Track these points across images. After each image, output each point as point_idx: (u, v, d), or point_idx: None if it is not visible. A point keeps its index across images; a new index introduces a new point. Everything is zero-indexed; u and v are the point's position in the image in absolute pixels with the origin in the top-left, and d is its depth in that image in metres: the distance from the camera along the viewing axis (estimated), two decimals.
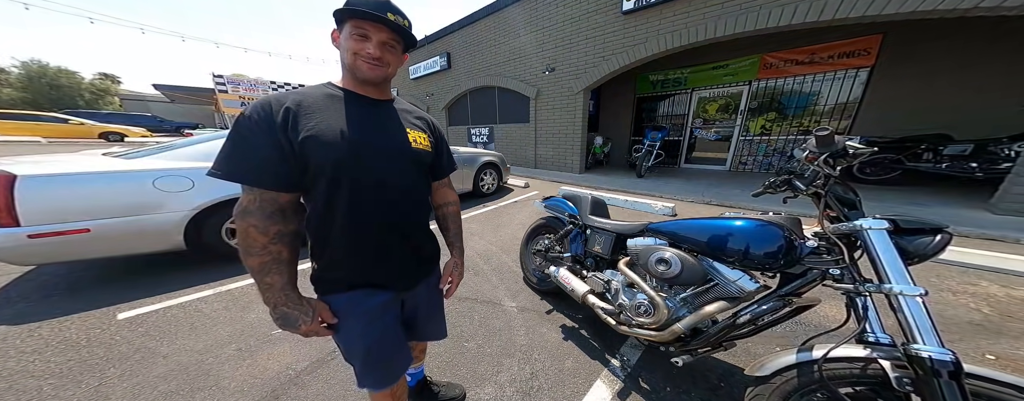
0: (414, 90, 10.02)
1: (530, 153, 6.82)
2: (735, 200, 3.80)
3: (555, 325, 1.58)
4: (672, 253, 1.00)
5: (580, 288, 1.39)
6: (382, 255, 0.67)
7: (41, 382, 1.20)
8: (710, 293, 0.98)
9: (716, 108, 5.94)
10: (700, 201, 3.89)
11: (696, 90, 6.04)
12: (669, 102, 6.47)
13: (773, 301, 0.86)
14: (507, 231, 2.97)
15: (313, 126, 0.55)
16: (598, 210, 1.63)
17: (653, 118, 6.74)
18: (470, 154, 4.14)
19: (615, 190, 4.52)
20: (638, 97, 6.84)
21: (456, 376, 1.24)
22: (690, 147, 6.44)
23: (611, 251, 1.38)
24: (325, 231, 0.62)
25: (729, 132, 5.85)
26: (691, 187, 4.60)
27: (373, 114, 0.64)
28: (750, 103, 5.49)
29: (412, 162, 0.68)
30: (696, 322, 0.97)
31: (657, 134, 5.50)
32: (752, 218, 0.91)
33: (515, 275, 2.10)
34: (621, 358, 1.34)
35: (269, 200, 0.55)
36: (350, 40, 0.57)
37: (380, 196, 0.63)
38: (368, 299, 0.67)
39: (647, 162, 5.38)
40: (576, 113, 5.68)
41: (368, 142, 0.61)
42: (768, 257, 0.84)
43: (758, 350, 1.37)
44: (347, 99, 0.62)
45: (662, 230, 1.12)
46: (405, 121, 0.70)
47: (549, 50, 5.79)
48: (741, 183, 4.77)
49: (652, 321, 1.05)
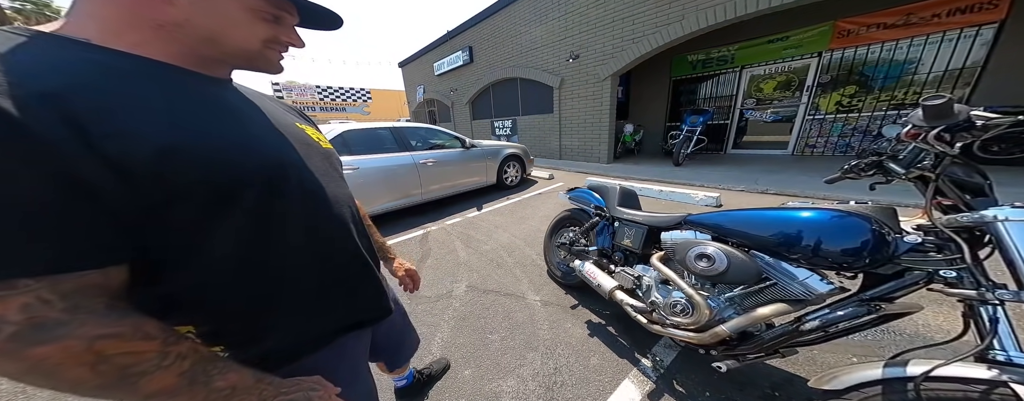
0: (439, 86, 10.20)
1: (554, 144, 6.66)
2: (801, 188, 3.31)
3: (580, 320, 1.52)
4: (715, 248, 0.89)
5: (607, 284, 1.32)
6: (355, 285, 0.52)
7: None
8: (765, 293, 0.86)
9: (773, 86, 5.25)
10: (753, 190, 3.50)
11: (747, 68, 5.40)
12: (712, 83, 5.88)
13: (853, 306, 0.73)
14: (531, 224, 2.93)
15: (166, 123, 0.31)
16: (628, 201, 1.53)
17: (693, 101, 6.20)
18: (493, 147, 4.12)
19: (649, 180, 4.25)
20: (674, 80, 6.32)
21: (479, 367, 1.25)
22: (740, 131, 5.83)
23: (643, 245, 1.28)
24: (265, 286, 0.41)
25: (791, 112, 5.12)
26: (741, 175, 4.15)
27: (246, 101, 0.44)
28: (820, 77, 4.74)
29: (336, 163, 0.55)
30: (745, 325, 0.86)
31: (698, 118, 5.05)
32: (826, 208, 0.77)
33: (539, 268, 2.07)
34: (653, 358, 1.25)
35: (88, 289, 0.28)
36: (252, 20, 0.37)
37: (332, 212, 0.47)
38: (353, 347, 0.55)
39: (686, 149, 4.97)
40: (603, 100, 5.41)
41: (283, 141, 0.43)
42: (847, 254, 0.70)
43: (826, 359, 1.20)
44: (187, 80, 0.37)
45: (704, 222, 1.01)
46: (283, 111, 0.52)
47: (573, 36, 5.53)
48: (808, 169, 4.15)
49: (690, 321, 0.96)
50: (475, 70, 8.27)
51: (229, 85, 0.44)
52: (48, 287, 0.26)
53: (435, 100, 11.04)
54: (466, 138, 3.83)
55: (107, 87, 0.29)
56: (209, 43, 0.37)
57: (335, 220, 0.47)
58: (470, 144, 3.79)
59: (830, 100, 4.78)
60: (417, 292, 1.79)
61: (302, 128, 0.51)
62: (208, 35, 0.36)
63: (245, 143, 0.38)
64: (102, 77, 0.29)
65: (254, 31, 0.38)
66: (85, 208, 0.27)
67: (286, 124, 0.47)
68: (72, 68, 0.28)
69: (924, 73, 4.09)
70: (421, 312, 1.63)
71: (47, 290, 0.26)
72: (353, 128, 2.93)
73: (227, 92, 0.42)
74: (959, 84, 3.92)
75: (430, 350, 1.36)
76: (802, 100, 4.98)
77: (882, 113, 4.43)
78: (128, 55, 0.32)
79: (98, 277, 0.28)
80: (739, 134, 5.86)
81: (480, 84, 8.17)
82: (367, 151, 2.89)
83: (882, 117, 4.44)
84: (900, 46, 4.15)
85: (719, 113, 5.86)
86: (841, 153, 4.85)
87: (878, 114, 4.46)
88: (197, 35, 0.35)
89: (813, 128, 5.02)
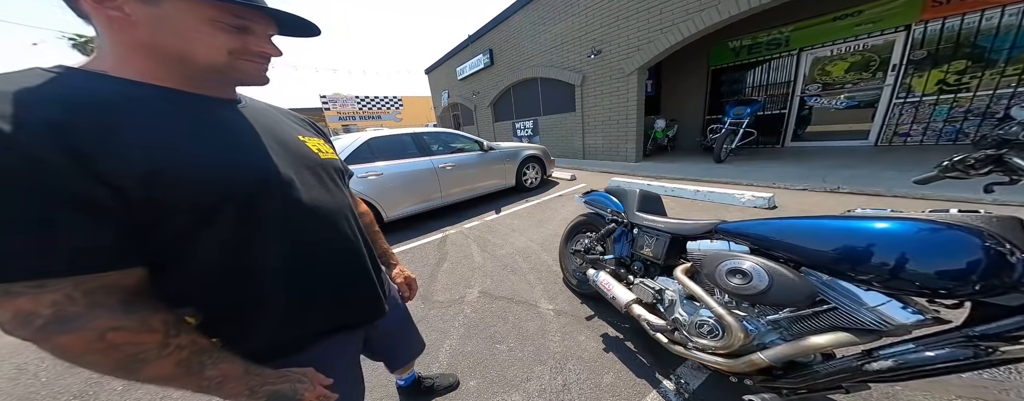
0: (462, 90, 10.42)
1: (577, 143, 6.46)
2: (888, 185, 2.73)
3: (595, 333, 1.42)
4: (753, 262, 0.76)
5: (623, 296, 1.21)
6: (345, 290, 0.55)
7: None
8: (821, 319, 0.71)
9: (845, 68, 4.52)
10: (819, 189, 3.00)
11: (807, 50, 4.76)
12: (761, 70, 5.30)
13: (954, 345, 0.57)
14: (549, 227, 2.84)
15: (156, 148, 0.35)
16: (649, 205, 1.40)
17: (737, 92, 5.63)
18: (512, 149, 4.09)
19: (683, 179, 3.92)
20: (713, 69, 5.81)
21: (484, 379, 1.21)
22: (801, 121, 5.16)
23: (665, 255, 1.15)
24: (250, 289, 0.44)
25: (872, 96, 4.39)
26: (803, 171, 3.58)
27: (241, 120, 0.46)
28: (912, 54, 4.02)
29: (334, 174, 0.57)
30: (792, 355, 0.72)
31: (745, 109, 4.55)
32: (914, 218, 0.61)
33: (555, 275, 1.99)
34: (677, 380, 1.13)
35: (106, 289, 0.33)
36: (213, 31, 0.38)
37: (319, 223, 0.49)
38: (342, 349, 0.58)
39: (729, 144, 4.51)
40: (629, 96, 5.13)
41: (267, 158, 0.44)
42: (946, 278, 0.55)
43: (915, 398, 0.98)
44: (188, 102, 0.40)
45: (740, 231, 0.87)
46: (288, 126, 0.55)
47: (594, 31, 5.33)
48: (898, 162, 3.48)
49: (720, 345, 0.83)
50: (496, 72, 8.33)
51: (230, 104, 0.47)
52: (72, 286, 0.31)
53: (459, 104, 11.31)
54: (484, 141, 3.84)
55: (106, 117, 0.33)
56: (182, 61, 0.39)
57: (321, 229, 0.50)
58: (488, 147, 3.79)
59: (928, 79, 3.99)
60: (430, 297, 1.85)
61: (303, 141, 0.54)
62: (177, 53, 0.38)
63: (230, 162, 0.40)
64: (104, 107, 0.34)
65: (215, 43, 0.39)
66: (96, 221, 0.31)
67: (284, 139, 0.50)
68: (79, 100, 0.33)
69: None
70: (433, 317, 1.64)
71: (71, 288, 0.31)
72: (376, 136, 3.06)
73: (225, 112, 0.45)
74: None
75: (437, 358, 1.35)
76: (887, 81, 4.23)
77: (1009, 91, 3.56)
78: (134, 83, 0.37)
79: (114, 277, 0.34)
80: (800, 124, 5.18)
81: (500, 86, 8.21)
82: (390, 157, 3.00)
83: (1009, 96, 3.56)
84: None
85: (772, 102, 5.25)
86: (948, 141, 3.99)
87: (1003, 92, 3.59)
88: (169, 55, 0.38)
89: (905, 113, 4.22)
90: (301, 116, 0.63)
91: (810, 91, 4.93)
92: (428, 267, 2.26)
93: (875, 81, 4.36)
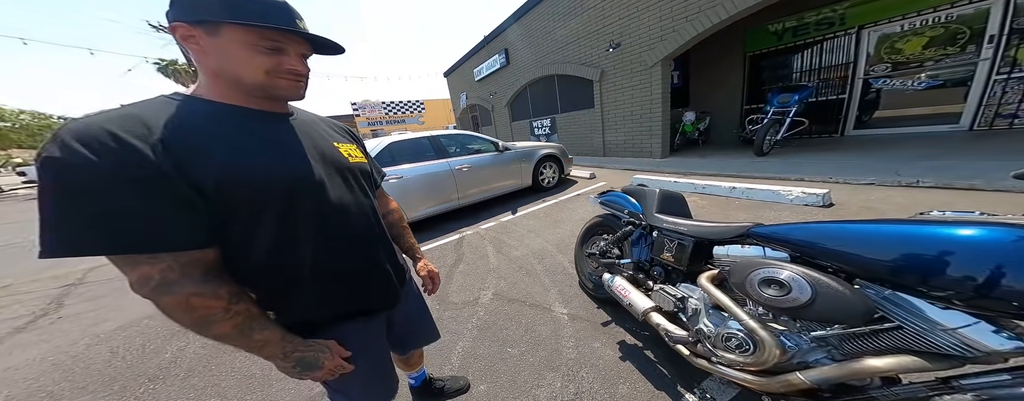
0: (479, 91, 10.52)
1: (597, 140, 6.27)
2: (990, 179, 2.25)
3: (611, 340, 1.36)
4: (793, 272, 0.67)
5: (641, 304, 1.13)
6: (364, 280, 0.63)
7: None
8: (883, 338, 0.60)
9: (921, 44, 3.95)
10: (892, 183, 2.56)
11: (868, 27, 4.21)
12: (811, 53, 4.79)
13: None
14: (565, 228, 2.78)
15: (227, 156, 0.45)
16: (670, 206, 1.30)
17: (781, 77, 5.13)
18: (527, 148, 4.05)
19: (718, 176, 3.59)
20: (750, 55, 5.36)
21: (494, 384, 1.20)
22: (868, 106, 4.55)
23: (689, 260, 1.06)
24: (288, 273, 0.53)
25: (962, 74, 3.80)
26: (870, 163, 3.13)
27: (289, 131, 0.55)
28: (1016, 21, 3.38)
29: (359, 176, 0.64)
30: (841, 377, 0.63)
31: (792, 96, 4.10)
32: (1010, 223, 0.51)
33: (570, 278, 1.93)
34: (702, 395, 1.05)
35: (193, 263, 0.43)
36: (253, 54, 0.45)
37: (344, 219, 0.58)
38: (363, 329, 0.65)
39: (774, 135, 4.10)
40: (652, 89, 4.89)
41: (306, 163, 0.53)
42: None
43: None
44: (249, 117, 0.50)
45: (778, 236, 0.77)
46: (327, 134, 0.64)
47: (611, 24, 5.13)
48: (1001, 150, 2.88)
49: (751, 361, 0.75)
50: (512, 72, 8.31)
51: (284, 117, 0.56)
52: (172, 259, 0.42)
53: (477, 105, 11.44)
54: (499, 142, 3.84)
55: (195, 136, 0.44)
56: (237, 82, 0.48)
57: (344, 224, 0.58)
58: (503, 147, 3.79)
59: None
60: (446, 298, 1.87)
61: (338, 147, 0.63)
62: (233, 76, 0.47)
63: (277, 168, 0.50)
64: (196, 127, 0.45)
65: (255, 64, 0.47)
66: (191, 214, 0.42)
67: (322, 147, 0.59)
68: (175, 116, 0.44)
69: None
70: (447, 319, 1.66)
71: (172, 261, 0.42)
72: (396, 140, 3.17)
73: (278, 123, 0.55)
74: None
75: (450, 359, 1.36)
76: (982, 56, 3.61)
77: None
78: (214, 103, 0.48)
79: (199, 255, 0.44)
80: (865, 110, 4.60)
81: (517, 85, 8.18)
82: (410, 160, 3.09)
83: None
84: None
85: (826, 87, 4.73)
86: None
87: None
88: (230, 77, 0.47)
89: (1011, 91, 3.58)
90: (340, 124, 0.71)
91: (876, 72, 4.35)
92: (445, 268, 2.29)
93: (965, 56, 3.75)
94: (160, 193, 0.40)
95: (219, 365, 1.49)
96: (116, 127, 0.38)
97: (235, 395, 1.30)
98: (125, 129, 0.39)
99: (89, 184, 0.37)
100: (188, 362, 1.54)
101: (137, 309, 2.09)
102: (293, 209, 0.50)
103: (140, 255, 0.40)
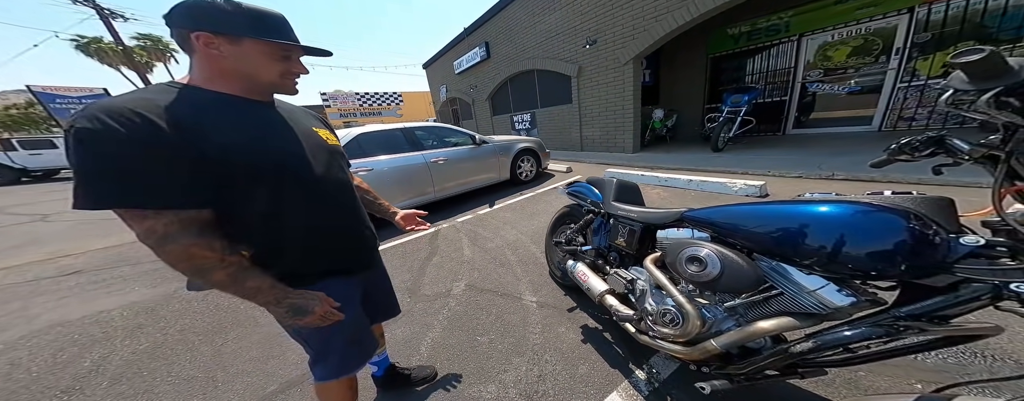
0: (460, 84, 10.32)
1: (575, 135, 6.39)
2: (886, 170, 2.70)
3: (575, 325, 1.43)
4: (710, 250, 0.76)
5: (597, 287, 1.21)
6: (344, 241, 0.74)
7: (196, 337, 1.61)
8: (770, 304, 0.72)
9: (846, 53, 4.46)
10: (815, 176, 3.01)
11: (807, 35, 4.65)
12: (761, 57, 5.19)
13: (885, 326, 0.57)
14: (540, 220, 2.84)
15: (230, 134, 0.54)
16: (625, 195, 1.38)
17: (737, 79, 5.52)
18: (505, 142, 4.06)
19: (679, 169, 3.89)
20: (712, 57, 5.68)
21: (463, 370, 1.22)
22: (805, 108, 5.07)
23: (638, 244, 1.15)
24: (277, 235, 0.62)
25: (876, 81, 4.34)
26: (802, 158, 3.60)
27: (277, 116, 0.65)
28: (915, 37, 3.96)
29: (337, 156, 0.74)
30: (740, 340, 0.73)
31: (742, 97, 4.50)
32: (851, 201, 0.62)
33: (542, 267, 1.99)
34: (648, 370, 1.13)
35: (191, 220, 0.51)
36: (271, 61, 0.58)
37: (325, 191, 0.68)
38: (342, 285, 0.73)
39: (727, 133, 4.48)
40: (625, 86, 5.04)
41: (297, 143, 0.64)
42: (875, 260, 0.56)
43: (877, 383, 0.98)
44: (246, 104, 0.60)
45: (702, 219, 0.87)
46: (307, 120, 0.74)
47: (589, 21, 5.21)
48: None
49: (679, 332, 0.83)
50: (492, 65, 8.22)
51: (270, 106, 0.66)
52: (174, 215, 0.49)
53: (457, 99, 11.22)
54: (476, 135, 3.81)
55: (201, 115, 0.53)
56: (249, 80, 0.59)
57: (327, 197, 0.69)
58: (480, 140, 3.77)
59: (934, 62, 3.90)
60: (417, 291, 1.87)
61: (317, 131, 0.72)
62: (247, 75, 0.58)
63: (268, 144, 0.60)
64: (200, 109, 0.54)
65: (272, 69, 0.59)
66: (194, 177, 0.50)
67: (304, 130, 0.69)
68: (185, 100, 0.53)
69: None
70: (418, 311, 1.66)
71: (173, 216, 0.49)
72: (366, 131, 3.06)
73: (268, 111, 0.64)
74: None
75: (419, 350, 1.37)
76: (890, 65, 4.14)
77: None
78: (216, 93, 0.57)
79: (196, 214, 0.52)
80: (803, 111, 5.09)
81: (498, 79, 8.10)
82: (381, 152, 3.00)
83: None
84: None
85: (773, 89, 5.16)
86: (955, 125, 3.91)
87: None
88: (242, 76, 0.58)
89: (909, 97, 4.16)
90: (313, 112, 0.82)
91: (812, 77, 4.81)
92: (417, 262, 2.27)
93: (878, 66, 4.25)
94: (169, 160, 0.48)
95: (153, 370, 1.40)
96: (137, 106, 0.46)
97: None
98: (144, 108, 0.47)
99: (113, 149, 0.44)
100: (114, 369, 1.42)
101: (47, 317, 1.92)
102: (284, 179, 0.60)
103: (147, 211, 0.48)
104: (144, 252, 2.84)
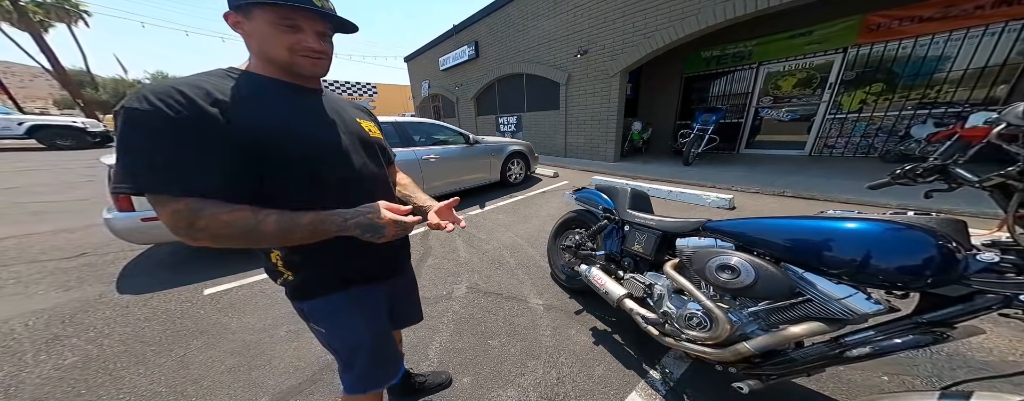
0: (445, 81, 10.09)
1: (560, 141, 6.54)
2: (822, 191, 3.16)
3: (585, 327, 1.46)
4: (740, 258, 0.82)
5: (616, 291, 1.24)
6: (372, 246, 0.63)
7: (145, 348, 1.38)
8: (796, 310, 0.78)
9: (792, 84, 5.09)
10: (770, 192, 3.38)
11: (764, 64, 5.24)
12: (727, 80, 5.72)
13: (908, 331, 0.65)
14: (535, 223, 2.86)
15: (269, 120, 0.51)
16: (639, 203, 1.45)
17: (705, 99, 6.05)
18: (497, 143, 4.04)
19: (657, 180, 4.15)
20: (686, 77, 6.16)
21: (478, 375, 1.19)
22: (754, 130, 5.69)
23: (655, 251, 1.20)
24: None
25: (811, 110, 5.00)
26: (756, 175, 4.03)
27: (321, 105, 0.61)
28: (844, 74, 4.58)
29: (377, 150, 0.70)
30: (772, 344, 0.79)
31: (711, 116, 4.92)
32: (879, 219, 0.68)
33: (542, 270, 2.00)
34: (662, 370, 1.19)
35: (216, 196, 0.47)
36: (277, 32, 0.50)
37: (360, 187, 0.63)
38: (367, 294, 0.69)
39: (696, 148, 4.87)
40: (611, 97, 5.27)
41: (336, 133, 0.61)
42: (905, 273, 0.62)
43: (852, 377, 1.11)
44: (288, 89, 0.56)
45: (727, 230, 0.93)
46: (352, 111, 0.70)
47: (581, 31, 5.39)
48: (827, 170, 4.04)
49: (708, 336, 0.89)
50: (481, 65, 8.15)
51: (315, 93, 0.62)
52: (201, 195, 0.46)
53: (440, 96, 10.96)
54: (470, 134, 3.76)
55: (245, 99, 0.50)
56: (269, 60, 0.54)
57: (364, 189, 0.64)
58: (474, 140, 3.72)
59: (854, 98, 4.60)
60: None
61: (360, 123, 0.68)
62: (266, 54, 0.53)
63: (310, 132, 0.56)
64: (246, 93, 0.51)
65: (279, 42, 0.52)
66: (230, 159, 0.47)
67: (347, 121, 0.65)
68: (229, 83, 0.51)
69: (960, 70, 3.88)
70: None
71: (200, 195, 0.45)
72: None
73: (311, 97, 0.60)
74: (998, 81, 3.73)
75: (427, 355, 1.31)
76: (823, 98, 4.82)
77: (911, 112, 4.24)
78: (260, 76, 0.55)
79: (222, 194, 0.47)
80: (753, 133, 5.71)
81: (485, 80, 8.05)
82: None
83: (910, 117, 4.26)
84: (936, 41, 3.95)
85: (733, 111, 5.73)
86: (862, 154, 4.69)
87: (905, 113, 4.29)
88: (266, 55, 0.53)
89: (833, 127, 4.87)
90: (360, 104, 0.78)
91: (763, 103, 5.44)
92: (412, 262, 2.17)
93: (814, 97, 4.93)
94: (211, 141, 0.46)
95: (95, 386, 1.18)
96: (186, 89, 0.45)
97: None
98: (192, 92, 0.45)
99: (161, 127, 0.43)
100: (31, 389, 1.16)
101: None
102: (322, 168, 0.56)
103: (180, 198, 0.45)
104: (47, 246, 2.40)
